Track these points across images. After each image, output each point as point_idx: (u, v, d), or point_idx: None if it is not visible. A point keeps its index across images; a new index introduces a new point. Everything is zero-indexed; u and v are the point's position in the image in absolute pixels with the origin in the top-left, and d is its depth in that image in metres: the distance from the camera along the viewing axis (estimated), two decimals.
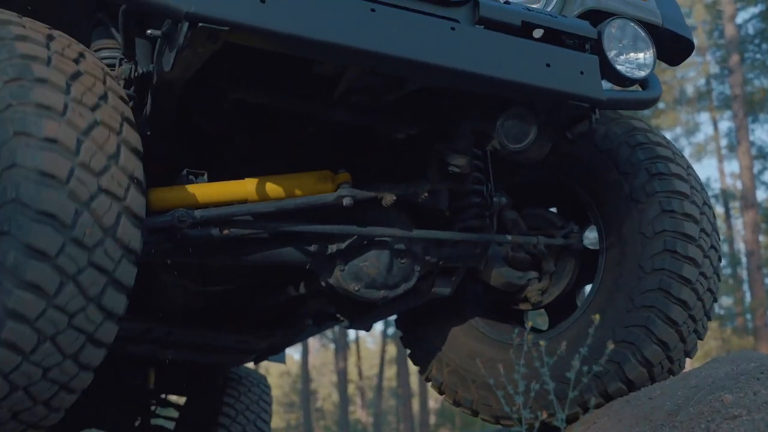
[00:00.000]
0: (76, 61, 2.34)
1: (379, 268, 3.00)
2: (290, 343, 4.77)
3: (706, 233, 3.08)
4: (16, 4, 2.75)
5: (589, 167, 3.26)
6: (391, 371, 34.69)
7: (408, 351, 3.76)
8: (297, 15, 2.28)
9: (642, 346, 2.97)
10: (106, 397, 5.33)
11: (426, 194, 3.03)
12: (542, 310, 3.50)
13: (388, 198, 2.96)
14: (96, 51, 2.85)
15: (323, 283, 3.08)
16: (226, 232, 2.77)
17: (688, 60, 3.46)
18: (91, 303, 2.16)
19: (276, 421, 31.77)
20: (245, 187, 2.84)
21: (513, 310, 3.52)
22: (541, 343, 2.84)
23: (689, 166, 3.22)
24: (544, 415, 2.88)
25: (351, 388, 33.98)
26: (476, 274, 3.32)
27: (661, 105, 25.60)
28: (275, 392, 29.87)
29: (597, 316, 2.83)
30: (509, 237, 3.23)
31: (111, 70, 2.77)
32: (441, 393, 3.60)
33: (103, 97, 2.30)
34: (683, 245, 3.00)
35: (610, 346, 2.68)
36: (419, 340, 3.67)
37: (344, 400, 28.34)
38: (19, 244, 2.04)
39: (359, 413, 36.06)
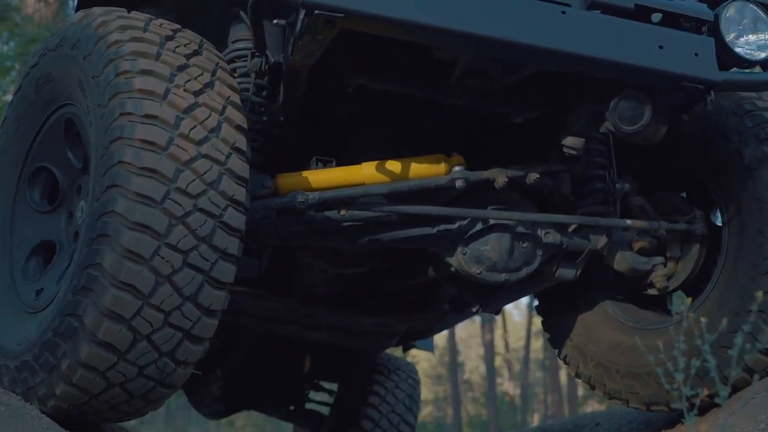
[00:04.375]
0: (197, 93, 2.41)
1: (500, 251, 3.02)
2: (433, 330, 4.79)
3: None
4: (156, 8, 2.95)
5: (701, 144, 3.20)
6: (537, 343, 34.38)
7: (548, 336, 3.79)
8: (408, 1, 2.38)
9: None
10: (265, 381, 5.53)
11: (538, 176, 3.03)
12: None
13: (500, 179, 2.99)
14: (233, 42, 3.01)
15: (446, 267, 3.14)
16: (343, 212, 2.90)
17: None
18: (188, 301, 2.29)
19: (425, 393, 32.06)
20: (362, 171, 2.97)
21: (650, 295, 3.45)
22: (689, 315, 2.70)
23: None
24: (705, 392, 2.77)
25: (498, 361, 33.89)
26: (601, 259, 3.29)
27: None
28: (423, 365, 30.19)
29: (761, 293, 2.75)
30: (629, 222, 3.19)
31: (243, 61, 2.93)
32: (592, 388, 3.57)
33: (214, 130, 2.37)
34: None
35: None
36: (559, 329, 3.68)
37: (491, 373, 28.29)
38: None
39: (506, 385, 35.95)
